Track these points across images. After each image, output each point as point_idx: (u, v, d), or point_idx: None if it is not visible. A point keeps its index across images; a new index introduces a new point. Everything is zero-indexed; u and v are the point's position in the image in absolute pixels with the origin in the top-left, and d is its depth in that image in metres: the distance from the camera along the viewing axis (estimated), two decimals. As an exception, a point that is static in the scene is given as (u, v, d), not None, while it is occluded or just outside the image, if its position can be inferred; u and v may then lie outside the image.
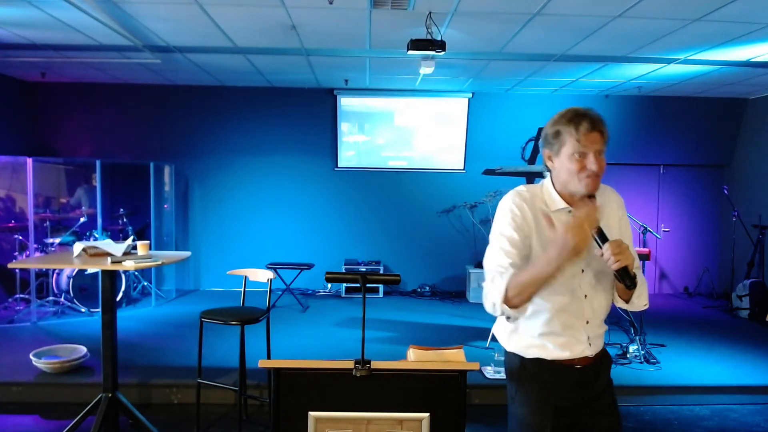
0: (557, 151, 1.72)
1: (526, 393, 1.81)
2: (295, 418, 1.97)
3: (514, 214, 1.75)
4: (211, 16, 4.50)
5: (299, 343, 5.11)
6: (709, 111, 7.58)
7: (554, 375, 1.77)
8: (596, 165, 1.66)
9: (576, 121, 1.66)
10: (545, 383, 1.77)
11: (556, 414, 1.76)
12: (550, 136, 1.73)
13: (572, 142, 1.66)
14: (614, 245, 1.62)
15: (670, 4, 4.02)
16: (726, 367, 4.60)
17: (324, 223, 7.68)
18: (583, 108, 1.70)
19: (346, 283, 3.51)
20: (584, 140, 1.65)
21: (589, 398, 1.80)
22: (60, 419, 3.66)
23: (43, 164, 6.63)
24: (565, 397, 1.77)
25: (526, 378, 1.80)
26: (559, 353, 1.76)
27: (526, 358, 1.80)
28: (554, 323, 1.75)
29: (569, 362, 1.77)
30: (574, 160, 1.67)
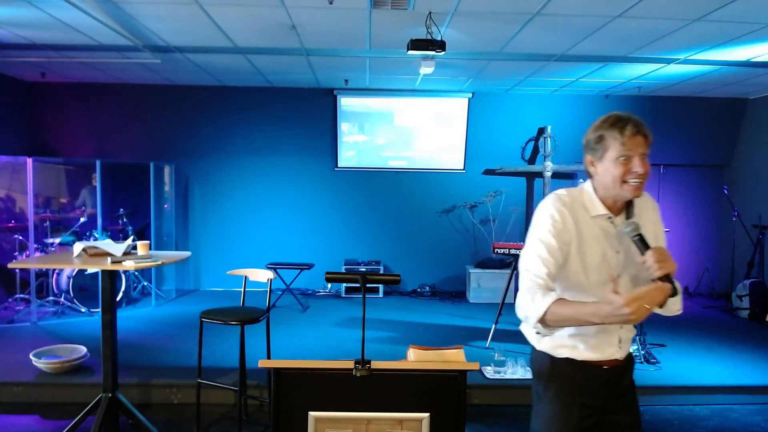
0: (601, 156, 1.72)
1: (554, 392, 1.83)
2: (295, 418, 1.97)
3: (554, 220, 1.73)
4: (211, 16, 4.50)
5: (299, 343, 5.11)
6: (709, 111, 7.58)
7: (583, 375, 1.79)
8: (642, 168, 1.66)
9: (620, 125, 1.67)
10: (574, 383, 1.79)
11: (582, 413, 1.78)
12: (593, 141, 1.73)
13: (617, 146, 1.67)
14: (657, 253, 1.62)
15: (670, 4, 4.02)
16: (726, 367, 4.60)
17: (324, 223, 7.69)
18: (625, 113, 1.71)
19: (346, 283, 3.51)
20: (629, 143, 1.66)
21: (614, 398, 1.82)
22: (60, 419, 3.66)
23: (43, 164, 6.63)
24: (593, 396, 1.79)
25: (554, 377, 1.82)
26: (590, 354, 1.77)
27: (556, 358, 1.82)
28: (587, 326, 1.74)
29: (598, 363, 1.79)
30: (618, 164, 1.67)
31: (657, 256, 1.61)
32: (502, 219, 7.61)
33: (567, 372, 1.80)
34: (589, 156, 1.76)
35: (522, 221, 7.78)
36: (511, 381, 4.17)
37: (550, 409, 1.83)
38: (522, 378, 4.19)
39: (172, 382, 4.05)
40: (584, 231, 1.73)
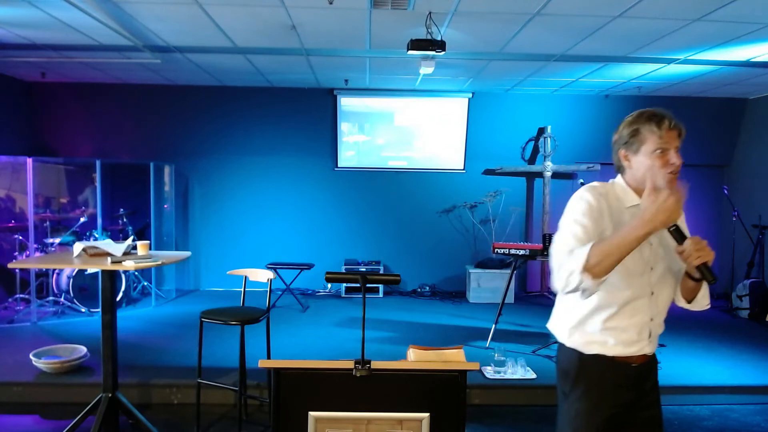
0: (636, 150, 1.76)
1: (581, 390, 1.82)
2: (295, 418, 1.97)
3: (590, 205, 1.75)
4: (211, 16, 4.50)
5: (299, 343, 5.11)
6: (709, 111, 7.57)
7: (612, 373, 1.79)
8: (678, 160, 1.72)
9: (656, 118, 1.73)
10: (602, 381, 1.80)
11: (609, 412, 1.79)
12: (628, 135, 1.77)
13: (654, 139, 1.72)
14: (695, 242, 1.66)
15: (670, 4, 4.03)
16: (726, 367, 4.60)
17: (324, 223, 7.69)
18: (658, 108, 1.78)
19: (346, 283, 3.52)
20: (666, 137, 1.71)
21: (639, 396, 1.83)
22: (60, 419, 3.66)
23: (43, 164, 6.63)
24: (620, 395, 1.80)
25: (583, 375, 1.82)
26: (621, 349, 1.78)
27: (585, 355, 1.82)
28: (620, 318, 1.77)
29: (627, 360, 1.79)
30: (655, 157, 1.72)
31: (695, 244, 1.65)
32: (502, 219, 7.61)
33: (595, 370, 1.80)
34: (622, 150, 1.80)
35: (522, 221, 7.78)
36: (511, 381, 4.17)
37: (577, 408, 1.82)
38: (522, 378, 4.19)
39: (172, 382, 4.05)
40: (619, 221, 1.75)
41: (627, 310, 1.76)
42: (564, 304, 1.88)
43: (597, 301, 1.76)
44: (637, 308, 1.77)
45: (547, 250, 4.76)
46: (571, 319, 1.84)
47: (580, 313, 1.81)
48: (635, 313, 1.77)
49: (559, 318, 1.91)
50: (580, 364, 1.82)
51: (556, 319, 1.93)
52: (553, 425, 1.96)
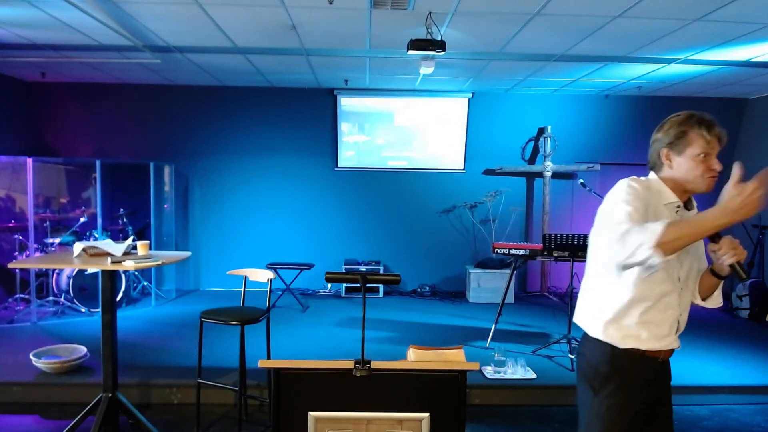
0: (680, 151, 1.82)
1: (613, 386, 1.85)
2: (295, 418, 1.97)
3: (636, 191, 1.79)
4: (211, 16, 4.50)
5: (299, 343, 5.11)
6: (709, 111, 7.44)
7: (642, 368, 1.85)
8: (719, 166, 1.80)
9: (707, 123, 1.81)
10: (634, 376, 1.85)
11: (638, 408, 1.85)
12: (675, 136, 1.82)
13: (701, 143, 1.79)
14: (730, 240, 1.73)
15: (670, 4, 4.03)
16: (726, 367, 4.61)
17: (324, 223, 7.69)
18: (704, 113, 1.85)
19: (346, 283, 3.51)
20: (712, 142, 1.79)
21: (661, 391, 1.91)
22: (60, 419, 3.66)
23: (43, 164, 6.63)
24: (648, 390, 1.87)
25: (615, 370, 1.85)
26: (653, 343, 1.83)
27: (617, 350, 1.85)
28: (654, 312, 1.82)
29: (656, 354, 1.85)
30: (698, 161, 1.80)
31: (730, 243, 1.72)
32: (502, 219, 7.61)
33: (627, 365, 1.85)
34: (665, 150, 1.85)
35: (522, 221, 7.78)
36: (511, 381, 4.17)
37: (608, 403, 1.85)
38: (522, 378, 4.18)
39: (172, 382, 4.05)
40: (658, 214, 1.80)
41: (661, 304, 1.82)
42: (598, 298, 1.90)
43: (634, 294, 1.81)
44: (669, 303, 1.83)
45: (548, 250, 4.76)
46: (607, 313, 1.86)
47: (617, 306, 1.84)
48: (668, 308, 1.83)
49: (591, 311, 1.92)
50: (612, 360, 1.85)
51: (589, 313, 1.93)
52: (554, 425, 1.96)
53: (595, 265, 1.91)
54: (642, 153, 6.98)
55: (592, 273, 1.93)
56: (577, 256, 4.69)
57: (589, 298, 1.94)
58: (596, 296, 1.91)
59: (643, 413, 1.86)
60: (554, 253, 4.75)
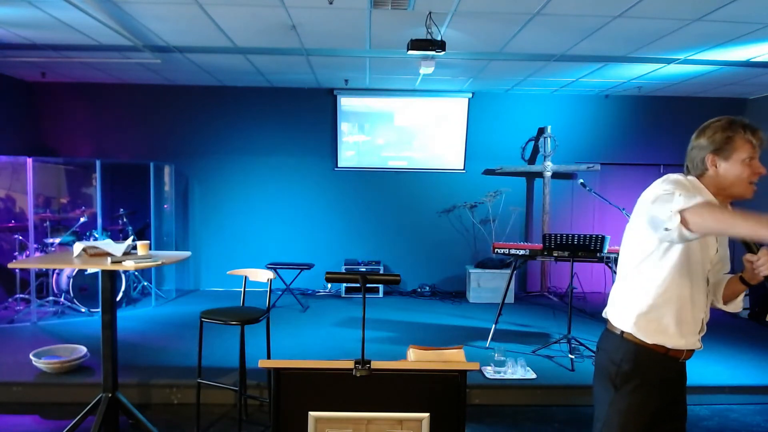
0: (727, 156, 1.82)
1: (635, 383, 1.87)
2: (295, 418, 1.97)
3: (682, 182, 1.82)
4: (211, 16, 4.50)
5: (299, 343, 5.11)
6: (709, 111, 7.54)
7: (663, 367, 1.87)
8: (764, 169, 1.83)
9: (751, 129, 1.82)
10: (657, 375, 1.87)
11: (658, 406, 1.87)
12: (721, 141, 1.83)
13: (748, 148, 1.80)
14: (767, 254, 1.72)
15: (670, 4, 4.03)
16: (726, 367, 4.61)
17: (324, 223, 7.69)
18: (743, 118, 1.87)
19: (346, 283, 3.51)
20: (757, 146, 1.82)
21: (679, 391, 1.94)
22: (60, 419, 3.66)
23: (43, 164, 6.63)
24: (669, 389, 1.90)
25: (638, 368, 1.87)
26: (678, 341, 1.86)
27: (641, 348, 1.87)
28: (684, 310, 1.85)
29: (678, 354, 1.88)
30: (745, 165, 1.81)
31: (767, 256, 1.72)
32: (502, 219, 7.61)
33: (649, 364, 1.87)
34: (711, 155, 1.84)
35: (522, 221, 7.78)
36: (511, 381, 4.17)
37: (629, 401, 1.87)
38: (522, 378, 4.18)
39: (172, 382, 4.05)
40: None
41: (690, 302, 1.85)
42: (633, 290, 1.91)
43: (666, 290, 1.83)
44: (697, 302, 1.87)
45: (548, 250, 4.76)
46: (640, 305, 1.88)
47: (651, 299, 1.86)
48: (695, 307, 1.87)
49: (624, 303, 1.93)
50: (636, 358, 1.87)
51: (621, 305, 1.94)
52: (554, 425, 1.96)
53: (631, 257, 1.92)
54: (642, 153, 7.02)
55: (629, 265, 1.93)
56: (577, 256, 4.69)
57: (622, 290, 1.95)
58: (631, 288, 1.92)
59: (661, 412, 1.89)
60: (554, 253, 4.75)
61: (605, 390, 1.92)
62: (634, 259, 1.91)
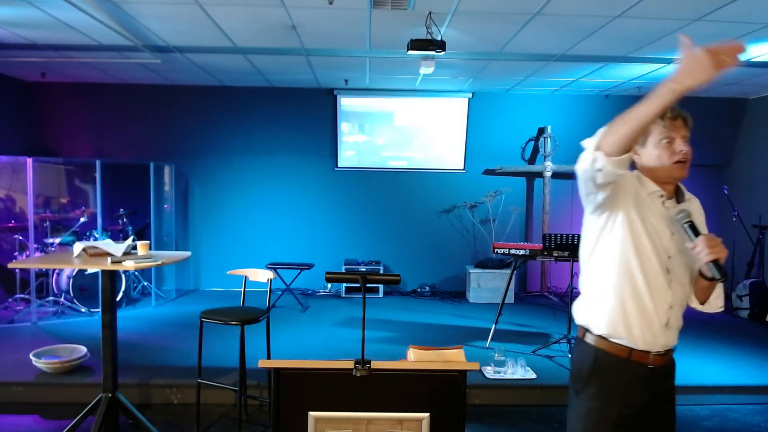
0: (643, 142, 1.79)
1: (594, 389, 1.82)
2: (295, 418, 1.97)
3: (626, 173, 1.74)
4: (211, 16, 4.50)
5: (299, 343, 5.11)
6: (709, 111, 7.57)
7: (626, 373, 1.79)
8: (686, 147, 1.75)
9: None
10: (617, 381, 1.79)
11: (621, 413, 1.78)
12: None
13: (658, 129, 1.76)
14: (707, 238, 1.68)
15: (670, 4, 4.03)
16: (726, 367, 4.60)
17: (324, 223, 7.69)
18: None
19: (346, 283, 3.51)
20: (670, 126, 1.75)
21: (654, 400, 1.83)
22: (60, 419, 3.66)
23: (43, 164, 6.63)
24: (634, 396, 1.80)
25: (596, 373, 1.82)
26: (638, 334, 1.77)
27: (601, 352, 1.81)
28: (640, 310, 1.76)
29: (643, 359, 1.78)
30: (662, 146, 1.76)
31: (708, 241, 1.66)
32: (502, 219, 7.61)
33: (610, 369, 1.80)
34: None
35: (522, 221, 7.78)
36: (511, 381, 4.17)
37: (588, 406, 1.82)
38: (522, 378, 4.18)
39: (172, 382, 4.05)
40: (643, 204, 1.76)
41: (647, 299, 1.76)
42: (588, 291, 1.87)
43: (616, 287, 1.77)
44: (657, 299, 1.77)
45: (548, 250, 4.76)
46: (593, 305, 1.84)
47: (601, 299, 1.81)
48: (654, 304, 1.77)
49: (587, 306, 1.88)
50: (595, 362, 1.82)
51: (585, 308, 1.89)
52: (554, 425, 1.95)
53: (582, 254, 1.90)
54: (642, 153, 6.75)
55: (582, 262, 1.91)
56: (577, 256, 4.69)
57: (583, 294, 1.91)
58: (586, 287, 1.88)
59: (629, 420, 1.79)
60: (554, 253, 4.75)
61: (570, 395, 1.89)
62: (584, 257, 1.89)
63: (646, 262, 1.75)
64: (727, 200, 7.25)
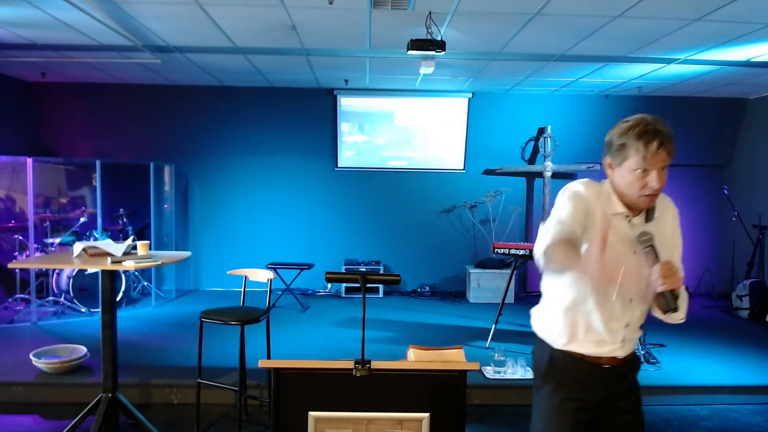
0: (619, 163, 1.71)
1: (550, 386, 1.84)
2: (295, 418, 1.97)
3: (581, 196, 1.74)
4: (211, 16, 4.50)
5: (299, 343, 5.11)
6: (709, 111, 7.57)
7: (581, 372, 1.80)
8: (657, 183, 1.66)
9: (646, 138, 1.64)
10: (571, 378, 1.80)
11: (577, 409, 1.79)
12: (615, 146, 1.71)
13: (638, 159, 1.65)
14: (664, 268, 1.60)
15: (670, 4, 4.02)
16: (726, 367, 4.60)
17: (324, 223, 7.68)
18: (654, 120, 1.68)
19: (346, 283, 3.51)
20: (651, 159, 1.64)
21: (612, 397, 1.82)
22: (60, 419, 3.66)
23: (43, 164, 6.63)
24: (589, 393, 1.80)
25: (552, 371, 1.84)
26: (591, 348, 1.78)
27: (555, 351, 1.83)
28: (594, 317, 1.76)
29: (598, 360, 1.79)
30: (635, 176, 1.67)
31: (663, 270, 1.60)
32: (502, 219, 7.61)
33: (564, 367, 1.81)
34: (608, 158, 1.76)
35: (522, 221, 7.78)
36: (511, 381, 4.17)
37: (546, 403, 1.84)
38: (522, 378, 4.18)
39: (172, 382, 4.05)
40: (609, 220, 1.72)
41: (604, 310, 1.75)
42: (546, 298, 1.90)
43: (574, 297, 1.77)
44: (614, 311, 1.76)
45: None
46: (551, 314, 1.86)
47: (559, 308, 1.82)
48: (612, 315, 1.76)
49: (539, 311, 1.95)
50: (550, 360, 1.84)
51: (537, 313, 1.97)
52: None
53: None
54: (642, 153, 6.73)
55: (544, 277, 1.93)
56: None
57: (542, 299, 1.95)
58: (543, 290, 1.92)
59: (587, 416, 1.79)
60: (554, 253, 4.74)
61: (533, 390, 1.92)
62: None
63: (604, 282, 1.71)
64: (727, 200, 7.25)
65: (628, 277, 1.67)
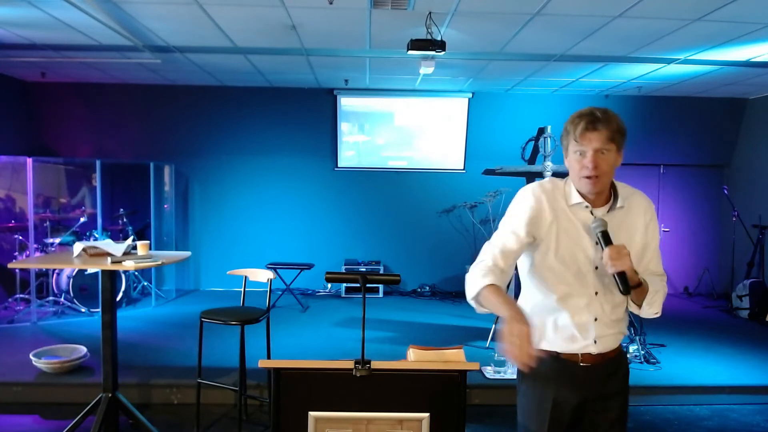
0: (565, 148, 1.77)
1: (527, 385, 1.85)
2: (295, 418, 1.97)
3: (529, 206, 1.78)
4: (211, 16, 4.50)
5: (299, 343, 5.11)
6: (709, 111, 7.57)
7: (557, 370, 1.79)
8: (592, 163, 1.66)
9: (578, 120, 1.69)
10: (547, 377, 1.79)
11: (555, 407, 1.78)
12: (562, 134, 1.78)
13: (573, 142, 1.71)
14: (614, 250, 1.63)
15: (670, 4, 4.02)
16: (726, 367, 4.60)
17: (324, 223, 7.68)
18: (596, 108, 1.71)
19: (346, 283, 3.51)
20: (581, 139, 1.67)
21: (595, 398, 1.80)
22: (60, 419, 3.66)
23: (43, 164, 6.63)
24: (567, 392, 1.78)
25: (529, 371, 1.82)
26: (563, 345, 1.78)
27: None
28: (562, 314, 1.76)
29: (573, 358, 1.78)
30: (575, 159, 1.71)
31: (612, 252, 1.62)
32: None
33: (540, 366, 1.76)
34: (563, 147, 1.81)
35: (522, 221, 7.77)
36: (511, 381, 4.16)
37: (524, 402, 1.87)
38: (522, 378, 4.18)
39: (172, 382, 4.05)
40: (561, 219, 1.75)
41: (569, 306, 1.76)
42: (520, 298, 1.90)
43: (539, 295, 1.79)
44: (579, 306, 1.76)
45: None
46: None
47: (527, 307, 1.82)
48: (577, 310, 1.76)
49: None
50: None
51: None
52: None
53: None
54: (642, 153, 7.03)
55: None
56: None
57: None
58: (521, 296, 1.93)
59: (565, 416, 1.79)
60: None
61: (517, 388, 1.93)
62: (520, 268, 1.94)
63: (568, 278, 1.74)
64: (727, 200, 7.25)
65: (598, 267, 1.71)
